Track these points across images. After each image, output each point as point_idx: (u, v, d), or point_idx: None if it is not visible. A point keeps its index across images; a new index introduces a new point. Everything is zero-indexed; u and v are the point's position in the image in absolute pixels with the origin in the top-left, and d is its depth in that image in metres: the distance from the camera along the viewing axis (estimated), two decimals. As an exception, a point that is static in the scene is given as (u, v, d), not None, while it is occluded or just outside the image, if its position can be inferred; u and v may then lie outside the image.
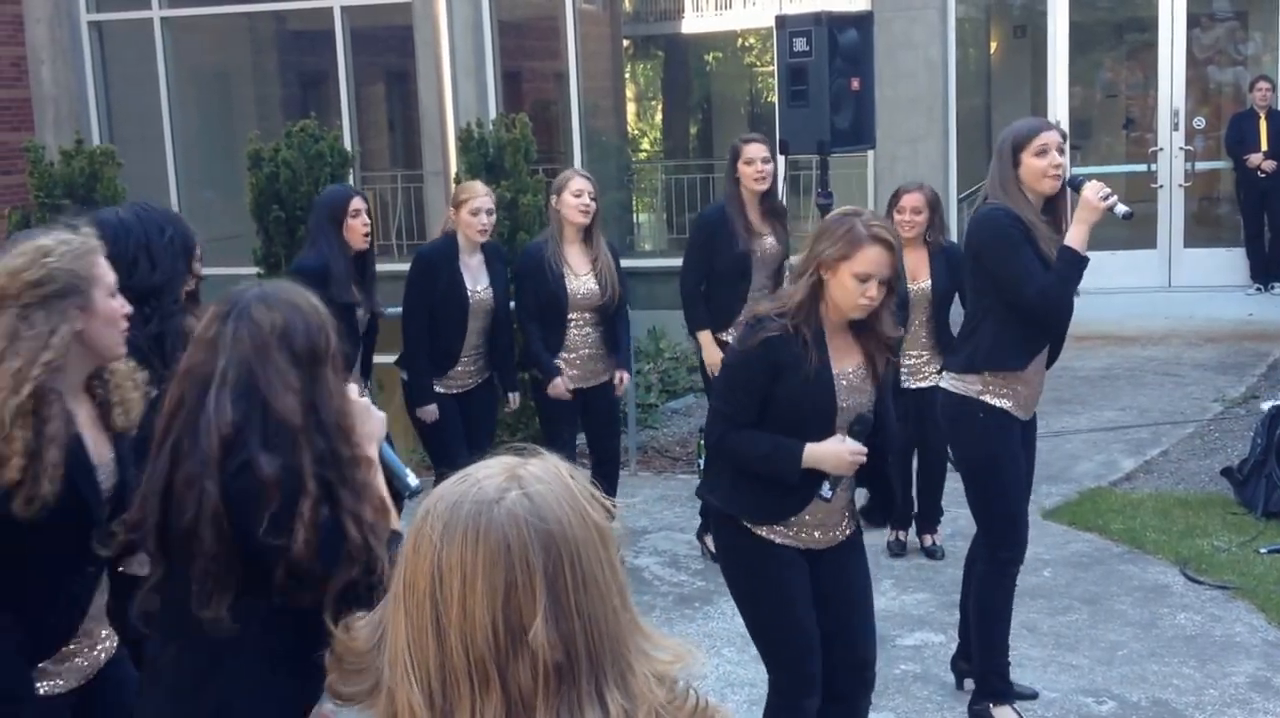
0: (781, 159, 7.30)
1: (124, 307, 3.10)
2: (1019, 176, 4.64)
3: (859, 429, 3.95)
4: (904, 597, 6.22)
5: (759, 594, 4.10)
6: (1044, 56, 12.19)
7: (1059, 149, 4.63)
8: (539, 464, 1.52)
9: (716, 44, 15.61)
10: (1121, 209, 4.60)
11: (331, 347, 2.82)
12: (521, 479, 1.49)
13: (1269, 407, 7.36)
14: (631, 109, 16.11)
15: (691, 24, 14.42)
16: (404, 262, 7.05)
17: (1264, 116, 11.62)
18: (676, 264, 7.01)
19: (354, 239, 6.29)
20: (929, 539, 6.76)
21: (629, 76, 16.01)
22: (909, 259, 6.01)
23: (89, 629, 3.18)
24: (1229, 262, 12.02)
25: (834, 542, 4.10)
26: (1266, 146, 11.59)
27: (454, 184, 8.58)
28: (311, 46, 14.18)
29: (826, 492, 3.98)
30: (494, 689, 1.44)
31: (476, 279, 6.43)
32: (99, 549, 2.91)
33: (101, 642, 3.21)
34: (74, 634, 3.13)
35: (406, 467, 3.00)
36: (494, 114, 11.20)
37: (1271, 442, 7.10)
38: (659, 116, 16.81)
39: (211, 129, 14.74)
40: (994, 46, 14.99)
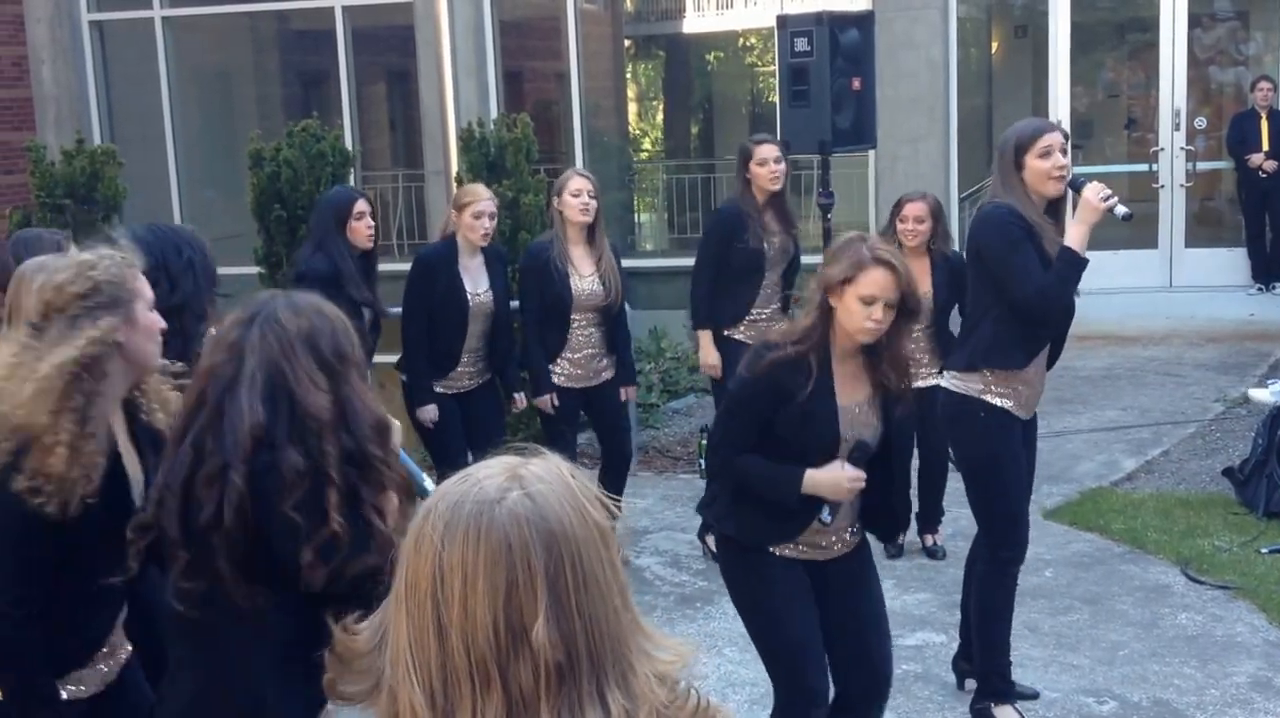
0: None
1: (160, 320, 3.13)
2: (1023, 178, 4.64)
3: (858, 455, 3.96)
4: (905, 597, 6.22)
5: (759, 608, 4.09)
6: (1045, 56, 12.18)
7: (1062, 150, 4.63)
8: (540, 464, 1.52)
9: (718, 44, 15.60)
10: (1121, 210, 4.60)
11: (356, 353, 2.88)
12: (523, 479, 1.49)
13: (1262, 396, 7.35)
14: (633, 109, 16.11)
15: (693, 24, 14.41)
16: (405, 261, 7.06)
17: (1265, 117, 11.62)
18: (678, 264, 7.02)
19: (358, 240, 6.29)
20: (930, 539, 6.75)
21: (630, 76, 16.00)
22: (911, 268, 6.00)
23: (110, 637, 3.21)
24: (1230, 262, 12.01)
25: (837, 554, 4.09)
26: (1268, 147, 11.59)
27: (455, 184, 8.58)
28: (313, 46, 14.17)
29: (826, 516, 4.00)
30: (495, 689, 1.44)
31: (476, 282, 6.42)
32: (130, 562, 2.93)
33: (119, 649, 3.24)
34: (105, 644, 3.17)
35: (422, 472, 3.02)
36: (495, 114, 11.19)
37: (1272, 442, 7.10)
38: (660, 116, 16.80)
39: (213, 128, 14.74)
40: (995, 46, 14.99)
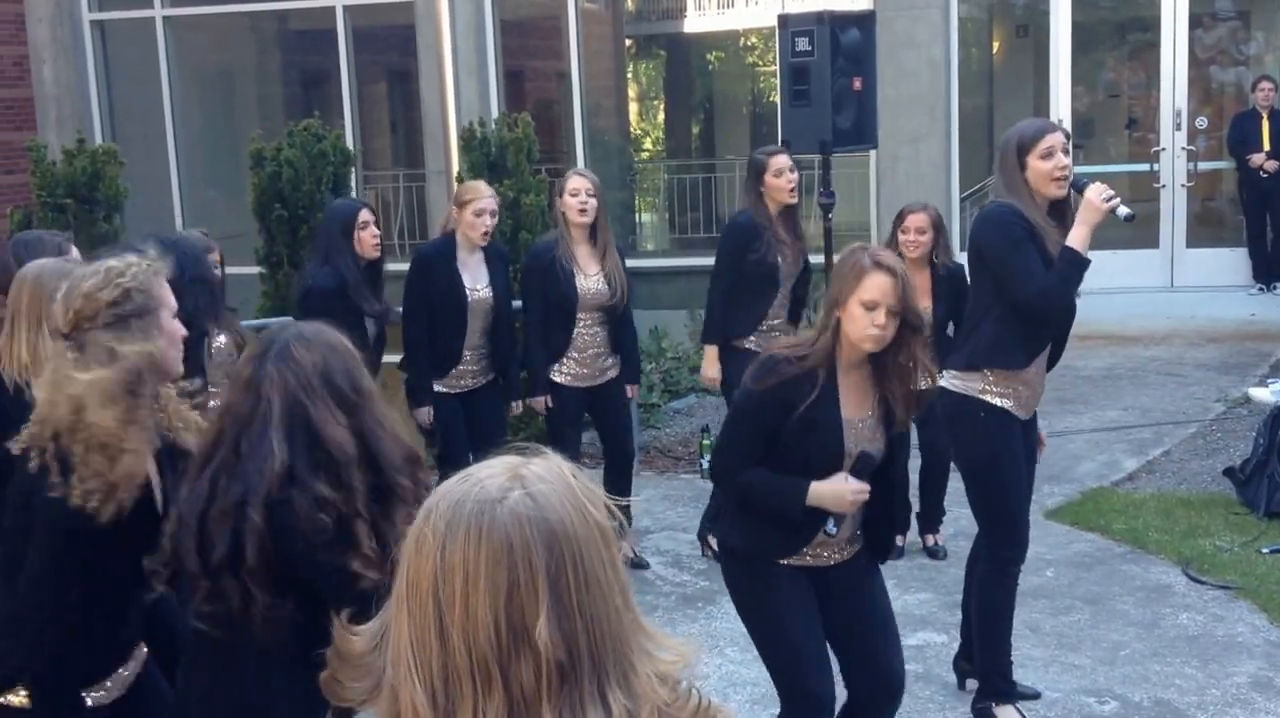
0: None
1: (182, 329, 3.14)
2: (1025, 179, 4.63)
3: (861, 467, 3.96)
4: (906, 597, 6.21)
5: (764, 615, 4.09)
6: (1046, 56, 12.17)
7: (1064, 150, 4.62)
8: (541, 464, 1.52)
9: (719, 43, 15.60)
10: (1124, 211, 4.60)
11: (370, 385, 2.90)
12: (524, 479, 1.49)
13: (1263, 395, 7.34)
14: (634, 109, 16.10)
15: (694, 23, 14.41)
16: (406, 261, 7.05)
17: (1266, 116, 11.61)
18: (679, 264, 7.01)
19: (365, 250, 6.25)
20: (931, 539, 6.75)
21: (631, 76, 16.00)
22: (912, 279, 5.98)
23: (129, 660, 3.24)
24: (1231, 262, 12.01)
25: (839, 561, 4.09)
26: (1269, 146, 11.58)
27: (456, 183, 8.57)
28: (314, 46, 14.17)
29: (831, 528, 4.00)
30: (496, 689, 1.44)
31: (476, 278, 6.41)
32: (151, 570, 2.94)
33: (138, 652, 3.26)
34: (131, 651, 3.19)
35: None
36: (496, 113, 11.19)
37: (1273, 442, 7.10)
38: (661, 116, 16.79)
39: (214, 128, 14.74)
40: (996, 46, 14.98)
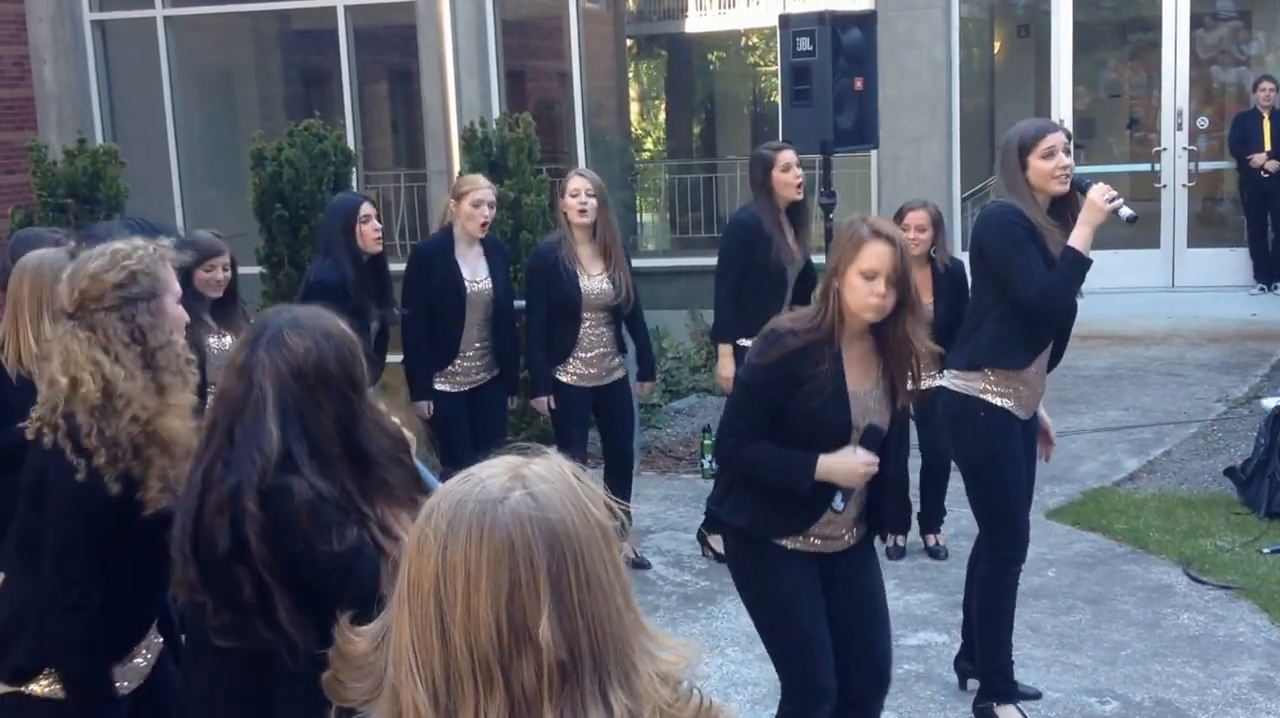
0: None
1: (185, 315, 3.15)
2: (1027, 179, 4.63)
3: (870, 440, 3.94)
4: (907, 597, 6.21)
5: (769, 602, 4.07)
6: (1048, 56, 12.18)
7: (1065, 150, 4.63)
8: (543, 463, 1.52)
9: (720, 43, 15.60)
10: (1126, 212, 4.59)
11: (364, 374, 2.85)
12: (526, 478, 1.48)
13: (1272, 404, 7.35)
14: (635, 109, 16.10)
15: (695, 23, 14.41)
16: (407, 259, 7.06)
17: (1267, 116, 11.61)
18: (680, 264, 7.00)
19: (367, 244, 6.25)
20: (932, 539, 6.75)
21: (632, 76, 16.00)
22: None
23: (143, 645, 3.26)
24: (1232, 262, 12.01)
25: (844, 546, 4.08)
26: (1270, 146, 11.58)
27: (457, 184, 8.57)
28: (315, 46, 14.17)
29: (839, 504, 3.97)
30: (498, 688, 1.44)
31: (475, 271, 6.40)
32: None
33: (153, 642, 3.28)
34: (148, 632, 3.21)
35: (437, 478, 3.01)
36: (497, 113, 11.18)
37: (1275, 442, 7.09)
38: (662, 116, 16.80)
39: (215, 128, 14.73)
40: (998, 46, 14.97)
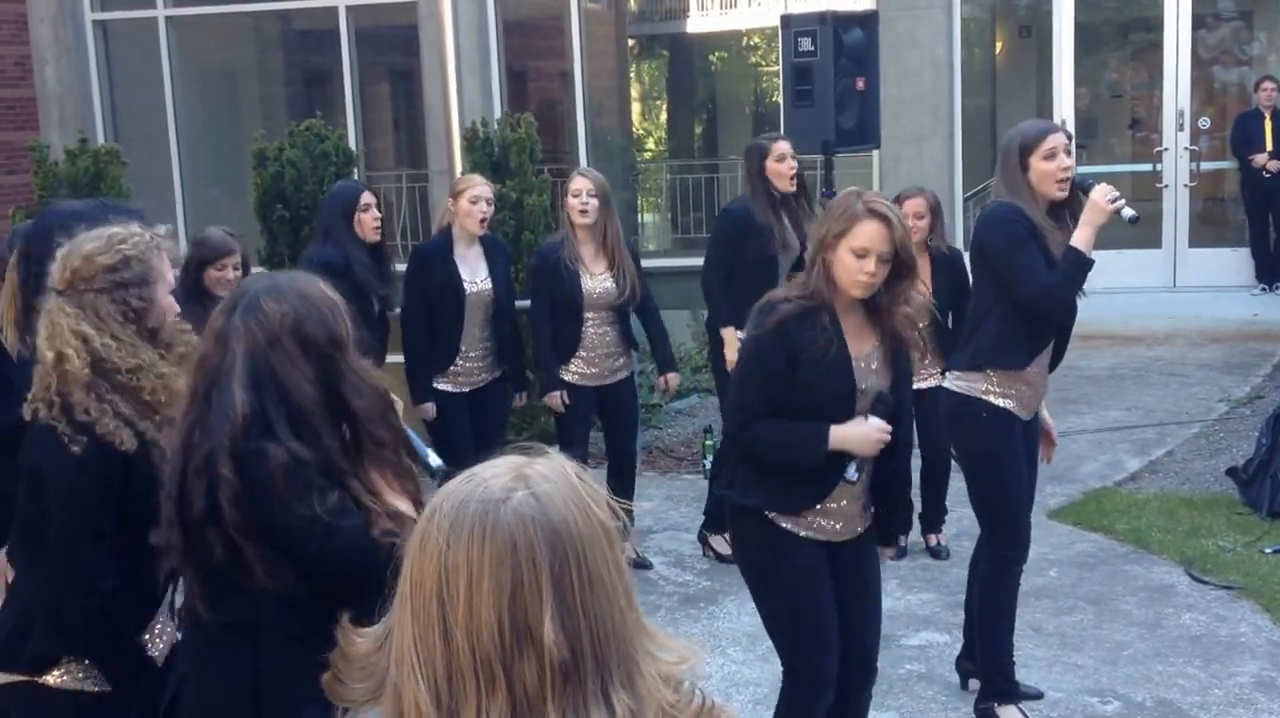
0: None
1: (175, 305, 3.15)
2: (1028, 180, 4.63)
3: (881, 408, 3.92)
4: (909, 597, 6.21)
5: (778, 587, 4.05)
6: (1049, 56, 12.18)
7: (1066, 151, 4.63)
8: (545, 464, 1.52)
9: (722, 43, 15.59)
10: (1129, 213, 4.59)
11: (348, 332, 2.82)
12: (528, 479, 1.49)
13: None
14: (636, 108, 16.09)
15: (697, 23, 14.41)
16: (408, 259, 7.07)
17: (1269, 117, 11.61)
18: (681, 264, 7.00)
19: (366, 233, 6.34)
20: (934, 539, 6.74)
21: (634, 76, 16.00)
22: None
23: (159, 618, 3.26)
24: (1234, 262, 12.01)
25: (853, 534, 4.07)
26: (1271, 146, 11.58)
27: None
28: (316, 46, 14.17)
29: (852, 474, 3.94)
30: (500, 689, 1.44)
31: (474, 271, 6.40)
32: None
33: (167, 629, 3.28)
34: (160, 604, 3.21)
35: (428, 447, 3.01)
36: (499, 113, 11.19)
37: (1276, 442, 7.09)
38: (664, 116, 16.79)
39: (216, 128, 14.73)
40: (999, 46, 14.96)
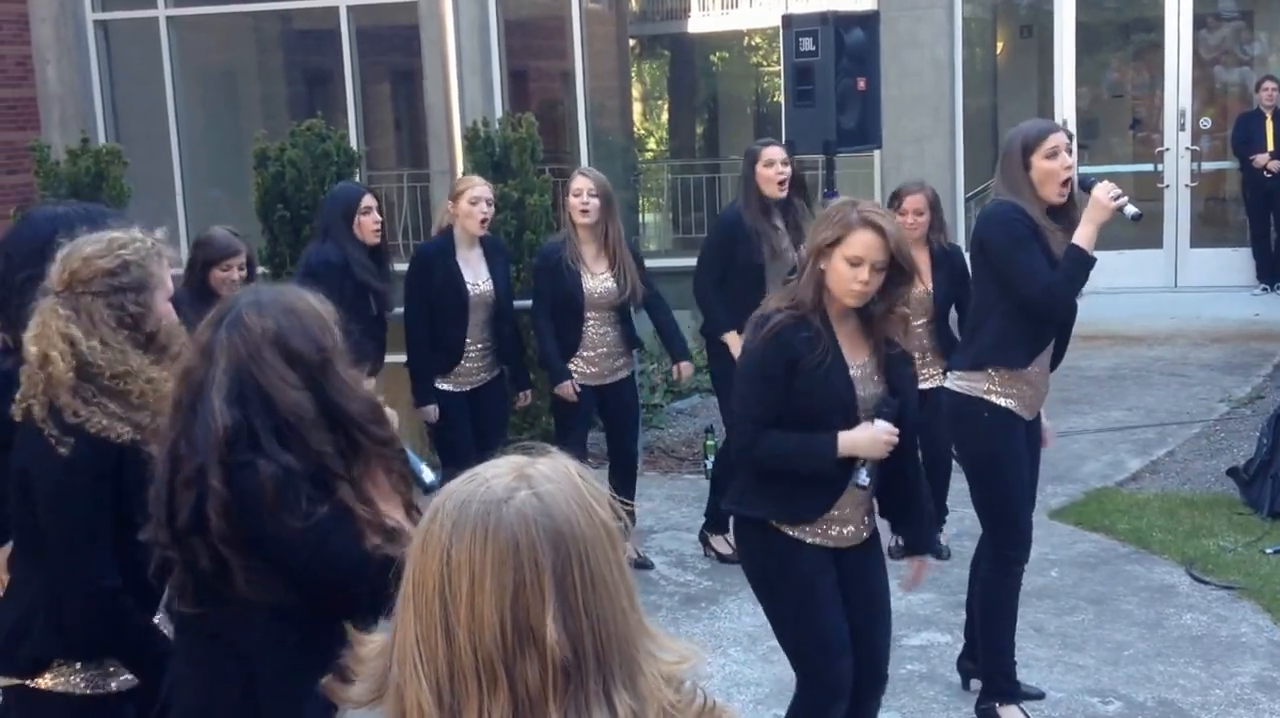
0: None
1: (173, 314, 3.13)
2: (1029, 179, 4.62)
3: (887, 411, 3.91)
4: (910, 597, 6.18)
5: (788, 597, 4.02)
6: (1050, 56, 12.18)
7: (1067, 150, 4.63)
8: (548, 463, 1.52)
9: (723, 43, 15.59)
10: (1131, 210, 4.59)
11: (336, 344, 2.79)
12: (530, 478, 1.49)
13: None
14: (638, 109, 16.09)
15: (698, 23, 14.41)
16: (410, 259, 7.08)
17: (1270, 117, 11.61)
18: (683, 264, 6.98)
19: (366, 235, 6.36)
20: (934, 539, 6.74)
21: (635, 76, 16.00)
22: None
23: (158, 617, 3.22)
24: (1235, 262, 12.00)
25: (859, 540, 4.06)
26: (1273, 147, 11.58)
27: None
28: (317, 46, 14.17)
29: (863, 478, 3.93)
30: (501, 688, 1.44)
31: (476, 273, 6.41)
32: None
33: (166, 628, 3.25)
34: (159, 603, 3.18)
35: (422, 462, 2.99)
36: (500, 113, 11.19)
37: (1277, 442, 7.09)
38: (665, 116, 16.79)
39: (217, 128, 14.74)
40: (1000, 46, 14.96)
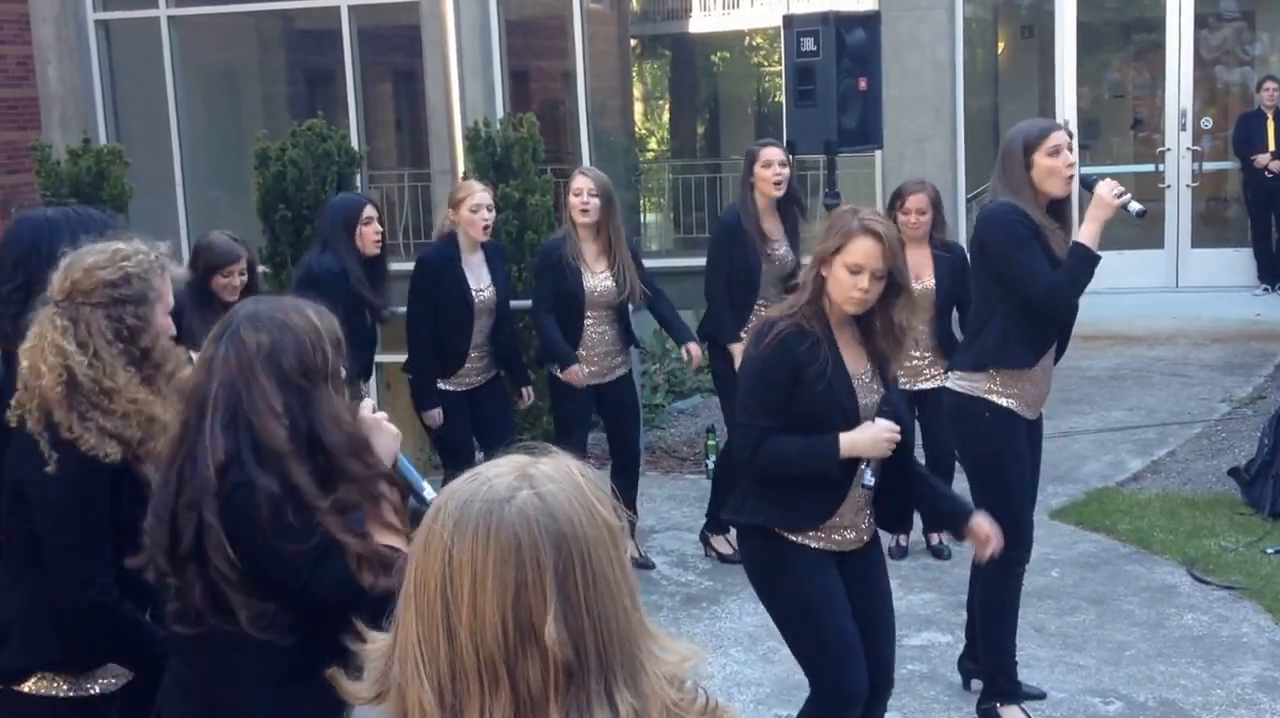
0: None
1: (172, 327, 3.12)
2: (1030, 178, 4.62)
3: (887, 410, 3.92)
4: (911, 597, 6.21)
5: (795, 603, 4.01)
6: (1051, 57, 12.17)
7: (1068, 148, 4.63)
8: (550, 463, 1.52)
9: (724, 44, 15.60)
10: (1135, 207, 4.59)
11: (329, 363, 2.74)
12: (532, 478, 1.49)
13: None
14: (639, 109, 16.09)
15: (699, 23, 14.41)
16: (411, 260, 7.08)
17: (1271, 117, 11.60)
18: (684, 264, 6.99)
19: (366, 246, 6.32)
20: (936, 539, 6.74)
21: (636, 76, 16.00)
22: (912, 258, 5.94)
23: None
24: (1236, 262, 12.00)
25: (861, 543, 4.06)
26: (1274, 147, 11.57)
27: (460, 184, 8.58)
28: (318, 46, 14.17)
29: (869, 479, 3.93)
30: (503, 688, 1.44)
31: (479, 279, 6.42)
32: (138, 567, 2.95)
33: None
34: (153, 601, 3.18)
35: (424, 478, 2.96)
36: (501, 113, 11.19)
37: (1278, 442, 7.09)
38: (666, 116, 16.79)
39: (218, 128, 14.74)
40: (1001, 46, 14.96)
